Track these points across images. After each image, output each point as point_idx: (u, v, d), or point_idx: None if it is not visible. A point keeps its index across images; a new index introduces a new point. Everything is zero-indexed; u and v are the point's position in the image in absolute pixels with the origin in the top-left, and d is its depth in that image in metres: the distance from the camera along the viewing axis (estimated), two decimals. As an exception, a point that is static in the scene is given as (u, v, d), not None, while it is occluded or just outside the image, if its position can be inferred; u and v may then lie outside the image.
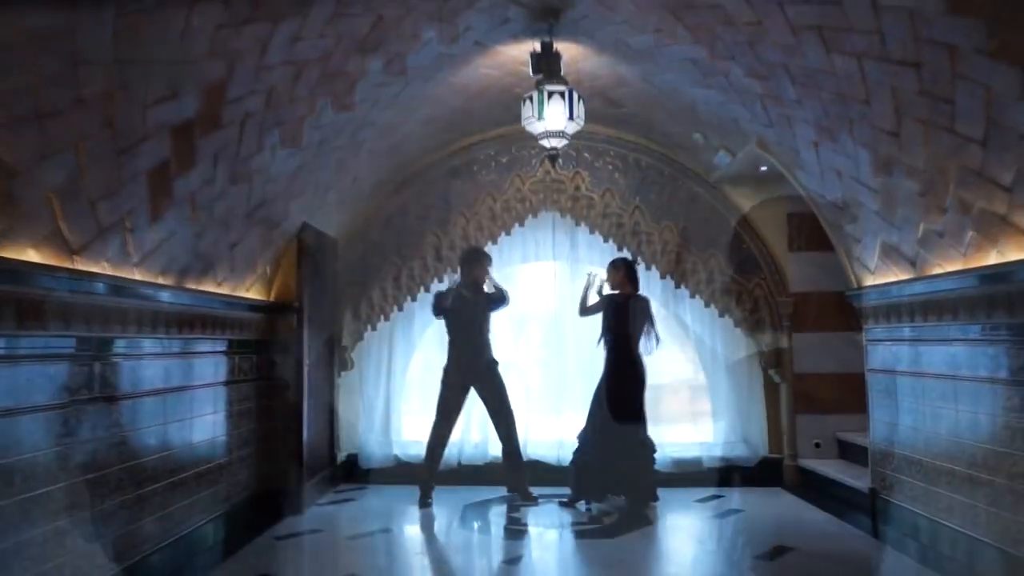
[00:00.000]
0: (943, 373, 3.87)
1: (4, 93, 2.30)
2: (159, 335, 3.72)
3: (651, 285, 6.09)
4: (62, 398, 2.94)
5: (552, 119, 4.02)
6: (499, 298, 5.58)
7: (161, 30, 2.74)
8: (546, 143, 4.22)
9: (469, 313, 5.49)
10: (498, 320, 5.77)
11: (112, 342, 3.34)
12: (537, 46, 4.23)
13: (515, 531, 4.85)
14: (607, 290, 5.46)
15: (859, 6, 3.07)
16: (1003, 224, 3.21)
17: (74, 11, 2.35)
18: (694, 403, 6.29)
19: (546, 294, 6.38)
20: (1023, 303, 3.23)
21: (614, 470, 5.17)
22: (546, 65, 4.17)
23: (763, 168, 5.47)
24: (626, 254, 6.00)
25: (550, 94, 4.00)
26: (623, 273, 5.42)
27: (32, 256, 2.68)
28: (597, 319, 5.43)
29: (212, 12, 2.88)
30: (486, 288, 5.56)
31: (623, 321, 5.28)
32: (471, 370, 5.49)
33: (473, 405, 5.78)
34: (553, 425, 6.10)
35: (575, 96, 4.07)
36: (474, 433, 6.09)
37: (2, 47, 2.20)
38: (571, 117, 4.02)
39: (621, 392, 5.21)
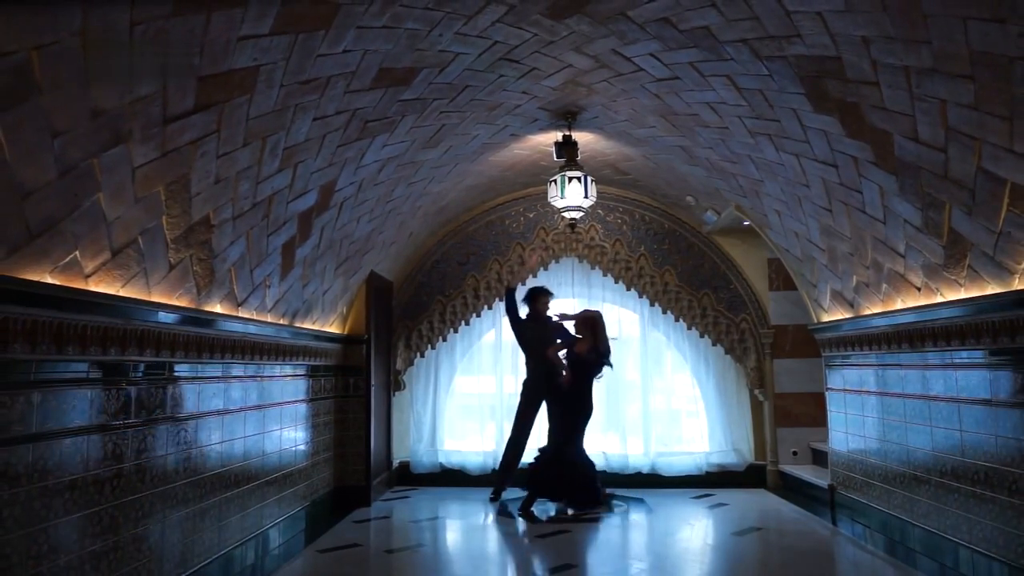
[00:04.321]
0: (873, 390, 5.02)
1: (219, 207, 3.57)
2: (280, 362, 4.98)
3: (654, 319, 7.30)
4: (235, 405, 4.21)
5: (571, 197, 5.25)
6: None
7: (305, 154, 4.01)
8: (567, 215, 5.46)
9: (532, 340, 6.59)
10: (516, 349, 6.88)
11: (263, 367, 4.63)
12: (560, 136, 5.49)
13: (538, 519, 6.01)
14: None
15: (792, 123, 4.28)
16: (902, 280, 4.40)
17: (264, 149, 3.63)
18: (692, 418, 7.45)
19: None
20: (920, 338, 4.40)
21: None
22: (566, 152, 5.41)
23: (746, 223, 6.66)
24: (632, 294, 7.23)
25: (570, 178, 5.24)
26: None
27: (218, 309, 3.96)
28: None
29: (335, 137, 4.16)
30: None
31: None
32: (540, 388, 6.54)
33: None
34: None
35: (588, 179, 5.31)
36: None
37: (223, 181, 3.48)
38: (586, 196, 5.25)
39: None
